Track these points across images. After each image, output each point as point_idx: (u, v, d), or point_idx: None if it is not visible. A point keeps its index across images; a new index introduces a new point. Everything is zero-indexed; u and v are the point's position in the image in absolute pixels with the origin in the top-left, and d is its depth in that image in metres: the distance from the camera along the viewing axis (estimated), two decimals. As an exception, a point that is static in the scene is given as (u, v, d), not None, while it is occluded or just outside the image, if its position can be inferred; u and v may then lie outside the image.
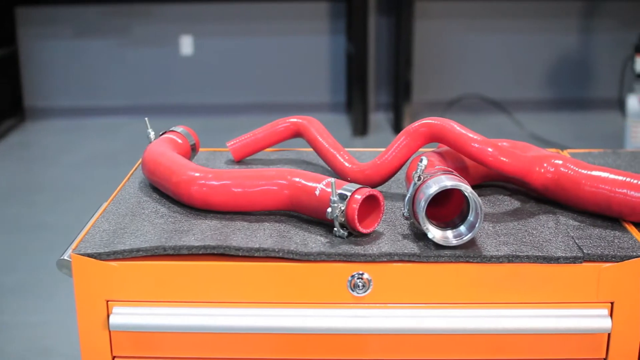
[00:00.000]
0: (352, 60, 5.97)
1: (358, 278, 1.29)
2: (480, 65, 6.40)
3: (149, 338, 1.34)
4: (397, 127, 5.95)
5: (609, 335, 1.33)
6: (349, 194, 1.31)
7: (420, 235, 1.35)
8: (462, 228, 1.32)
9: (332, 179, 1.33)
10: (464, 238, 1.30)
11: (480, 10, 6.29)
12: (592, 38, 6.39)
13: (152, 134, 1.65)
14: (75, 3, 6.14)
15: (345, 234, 1.33)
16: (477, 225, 1.30)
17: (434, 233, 1.30)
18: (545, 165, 1.46)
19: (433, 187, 1.29)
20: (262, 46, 6.32)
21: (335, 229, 1.33)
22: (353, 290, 1.30)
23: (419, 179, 1.33)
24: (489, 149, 1.42)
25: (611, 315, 1.31)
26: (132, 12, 6.21)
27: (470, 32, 6.33)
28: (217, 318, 1.31)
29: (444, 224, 1.33)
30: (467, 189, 1.29)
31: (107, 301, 1.32)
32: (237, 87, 6.39)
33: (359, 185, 1.33)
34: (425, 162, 1.33)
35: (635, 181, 1.37)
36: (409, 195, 1.33)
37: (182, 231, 1.36)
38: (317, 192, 1.35)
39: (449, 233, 1.31)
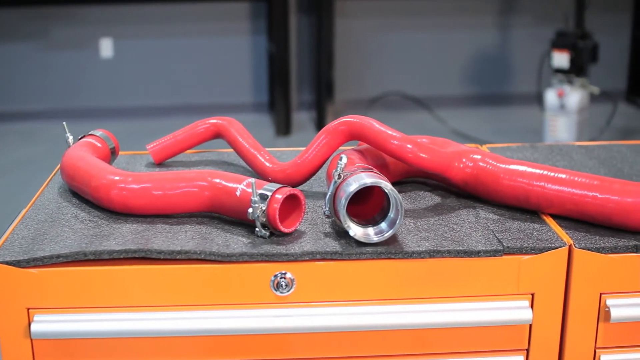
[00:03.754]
0: (274, 60, 5.97)
1: (281, 278, 1.29)
2: (401, 62, 6.45)
3: (72, 345, 1.32)
4: (320, 126, 5.94)
5: (530, 326, 1.35)
6: (269, 193, 1.31)
7: (341, 233, 1.35)
8: (383, 225, 1.32)
9: (253, 179, 1.32)
10: (385, 234, 1.31)
11: (399, 8, 6.33)
12: (510, 34, 6.48)
13: (70, 138, 1.63)
14: (-10, 6, 6.04)
15: (267, 234, 1.33)
16: (397, 222, 1.31)
17: (355, 230, 1.31)
18: (464, 160, 1.47)
19: (353, 185, 1.29)
20: (182, 48, 6.27)
21: (257, 229, 1.33)
22: (276, 290, 1.30)
23: (339, 177, 1.33)
24: (408, 146, 1.43)
25: (532, 306, 1.34)
26: (51, 14, 6.11)
27: (390, 30, 6.37)
28: (141, 322, 1.30)
29: (365, 222, 1.34)
30: (387, 185, 1.30)
31: (28, 309, 1.30)
32: (158, 89, 6.34)
33: (280, 185, 1.33)
34: (345, 160, 1.33)
35: (552, 174, 1.39)
36: (329, 193, 1.34)
37: (103, 236, 1.35)
38: (237, 193, 1.35)
39: (370, 230, 1.32)
